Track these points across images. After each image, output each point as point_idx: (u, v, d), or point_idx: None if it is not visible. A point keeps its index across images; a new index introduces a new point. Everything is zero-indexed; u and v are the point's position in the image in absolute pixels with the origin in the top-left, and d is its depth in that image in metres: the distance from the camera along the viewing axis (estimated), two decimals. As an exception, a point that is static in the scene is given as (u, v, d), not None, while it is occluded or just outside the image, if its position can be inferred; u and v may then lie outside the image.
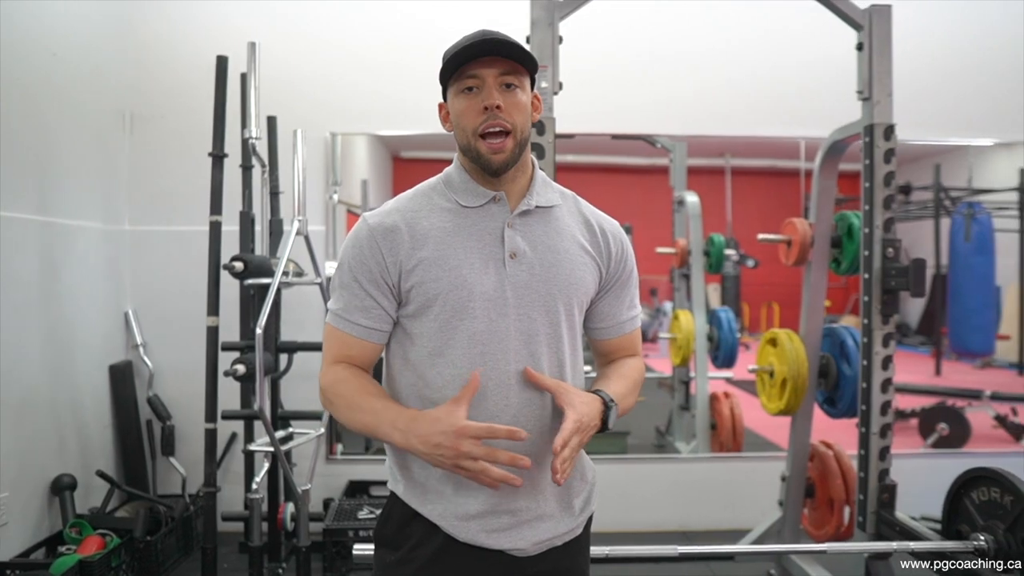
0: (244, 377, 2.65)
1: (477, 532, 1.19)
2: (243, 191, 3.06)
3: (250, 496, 2.78)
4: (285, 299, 3.28)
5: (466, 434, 1.08)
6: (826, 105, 3.26)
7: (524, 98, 1.20)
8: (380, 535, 1.28)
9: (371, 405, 1.18)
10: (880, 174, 2.35)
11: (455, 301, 1.17)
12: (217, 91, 2.81)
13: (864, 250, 2.40)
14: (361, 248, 1.20)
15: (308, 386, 3.42)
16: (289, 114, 3.31)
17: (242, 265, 2.66)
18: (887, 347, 2.35)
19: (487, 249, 1.20)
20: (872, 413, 2.36)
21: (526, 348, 1.20)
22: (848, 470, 2.80)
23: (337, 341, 1.23)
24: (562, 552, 1.26)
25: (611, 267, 1.31)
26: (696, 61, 3.72)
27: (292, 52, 3.53)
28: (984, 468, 2.09)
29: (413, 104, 3.59)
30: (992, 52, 3.81)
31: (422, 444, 1.10)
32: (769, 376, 2.90)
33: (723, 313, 4.18)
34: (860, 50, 2.42)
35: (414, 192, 1.28)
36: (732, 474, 3.72)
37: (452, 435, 1.08)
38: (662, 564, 3.07)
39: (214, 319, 2.78)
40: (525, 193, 1.25)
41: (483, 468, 1.08)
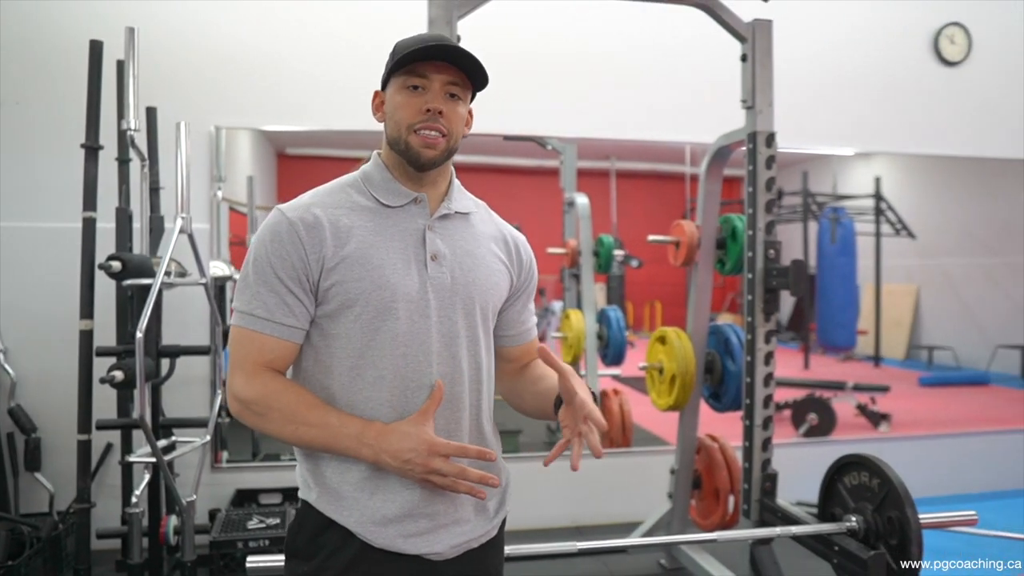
0: (122, 384, 2.50)
1: (394, 537, 1.17)
2: (120, 186, 2.87)
3: (129, 510, 2.61)
4: (166, 301, 3.10)
5: (437, 452, 1.10)
6: (711, 112, 3.41)
7: (463, 111, 1.21)
8: (292, 546, 1.23)
9: (321, 419, 1.14)
10: (762, 179, 2.48)
11: (378, 302, 1.15)
12: (91, 78, 2.63)
13: (748, 251, 2.53)
14: (282, 242, 1.14)
15: (191, 392, 3.33)
16: (170, 106, 3.14)
17: (120, 265, 2.49)
18: (769, 343, 2.49)
19: (409, 250, 1.19)
20: (756, 406, 2.50)
21: (447, 350, 1.20)
22: (732, 461, 2.94)
23: (254, 345, 1.15)
24: (478, 554, 1.26)
25: (521, 276, 1.35)
26: (588, 65, 3.81)
27: (173, 40, 3.35)
28: (855, 454, 2.25)
29: (301, 99, 3.51)
30: (852, 69, 4.10)
31: (392, 459, 1.11)
32: (659, 373, 3.01)
33: (612, 312, 4.30)
34: (744, 61, 2.55)
35: (331, 187, 1.24)
36: (622, 469, 3.82)
37: (423, 452, 1.10)
38: (558, 560, 3.14)
39: (88, 322, 2.60)
40: (444, 198, 1.25)
41: (452, 483, 1.11)
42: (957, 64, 4.17)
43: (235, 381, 1.16)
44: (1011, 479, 4.28)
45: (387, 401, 1.17)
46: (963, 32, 4.16)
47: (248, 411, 1.15)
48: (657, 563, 3.17)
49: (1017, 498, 4.14)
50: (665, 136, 3.98)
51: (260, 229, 1.18)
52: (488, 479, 1.13)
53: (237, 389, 1.15)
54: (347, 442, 1.13)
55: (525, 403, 1.38)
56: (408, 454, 1.10)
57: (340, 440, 1.13)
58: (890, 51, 4.13)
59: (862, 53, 4.11)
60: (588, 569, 3.12)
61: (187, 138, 2.60)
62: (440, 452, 1.11)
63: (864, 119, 4.12)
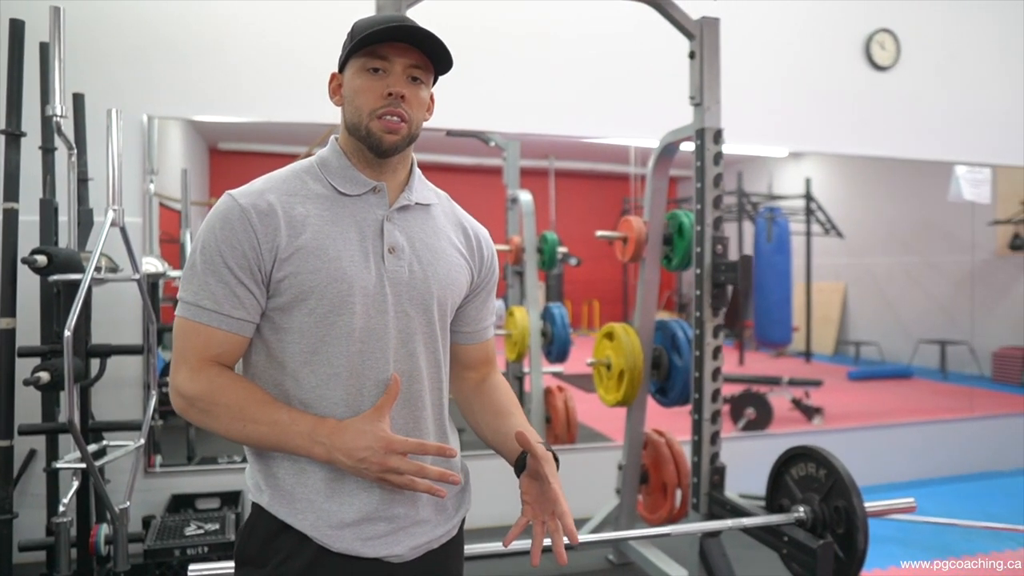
0: (48, 386, 2.36)
1: (352, 541, 1.11)
2: (44, 176, 2.71)
3: (56, 520, 2.47)
4: (96, 298, 2.95)
5: (394, 449, 1.04)
6: (656, 111, 3.44)
7: (425, 95, 1.16)
8: (243, 552, 1.16)
9: (271, 416, 1.07)
10: (710, 175, 2.51)
11: (334, 295, 1.09)
12: (11, 60, 2.47)
13: (696, 247, 2.56)
14: (233, 230, 1.07)
15: (121, 394, 3.17)
16: (98, 93, 2.99)
17: (46, 259, 2.35)
18: (717, 338, 2.52)
19: (367, 242, 1.13)
20: (704, 401, 2.52)
21: (404, 347, 1.16)
22: (679, 456, 2.97)
23: (200, 338, 1.08)
24: (439, 554, 1.22)
25: (482, 272, 1.31)
26: (533, 60, 3.79)
27: (101, 22, 3.18)
28: (802, 446, 2.29)
29: (240, 90, 3.38)
30: (787, 71, 4.20)
31: (346, 457, 1.05)
32: (607, 369, 3.02)
33: (556, 309, 4.30)
34: (692, 58, 2.58)
35: (285, 173, 1.17)
36: (567, 465, 3.75)
37: (379, 450, 1.04)
38: (506, 558, 3.11)
39: (9, 320, 2.44)
40: (404, 188, 1.20)
41: (410, 482, 1.05)
42: (887, 69, 4.32)
43: (179, 376, 1.09)
44: (938, 467, 4.47)
45: (342, 399, 1.11)
46: (892, 38, 4.31)
47: (193, 408, 1.08)
48: (605, 558, 3.18)
49: (944, 485, 4.33)
50: (609, 133, 4.00)
51: (209, 215, 1.11)
52: (448, 476, 1.08)
53: (181, 384, 1.08)
54: (298, 440, 1.07)
55: (482, 431, 1.32)
56: (363, 452, 1.05)
57: (291, 438, 1.07)
58: (823, 55, 4.25)
59: (796, 56, 4.21)
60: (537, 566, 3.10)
61: (118, 125, 2.47)
62: (397, 449, 1.05)
63: (798, 120, 4.23)
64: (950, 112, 4.45)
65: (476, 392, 1.34)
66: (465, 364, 1.34)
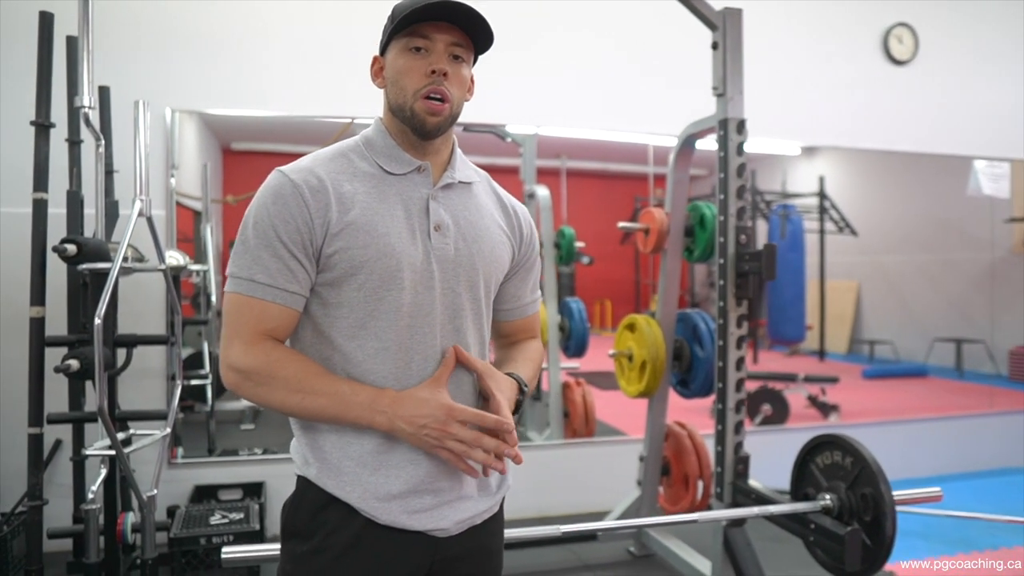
0: (78, 374, 2.37)
1: (399, 513, 1.12)
2: (71, 168, 2.73)
3: (85, 507, 2.49)
4: (120, 289, 2.97)
5: (455, 417, 1.07)
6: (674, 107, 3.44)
7: (466, 73, 1.18)
8: (290, 525, 1.17)
9: (331, 388, 1.08)
10: (733, 165, 2.51)
11: (383, 270, 1.10)
12: (41, 52, 2.49)
13: (719, 237, 2.56)
14: (286, 204, 1.09)
15: (144, 385, 3.19)
16: (122, 86, 3.01)
17: (75, 248, 2.37)
18: (741, 327, 2.52)
19: (413, 220, 1.15)
20: (728, 389, 2.52)
21: (451, 323, 1.17)
22: (700, 447, 2.97)
23: (253, 312, 1.09)
24: (481, 530, 1.23)
25: (522, 248, 1.32)
26: (552, 55, 3.80)
27: (123, 17, 3.20)
28: (828, 434, 2.28)
29: (258, 85, 3.41)
30: (805, 66, 4.19)
31: (408, 425, 1.07)
32: (628, 360, 3.02)
33: (574, 303, 4.30)
34: (715, 49, 2.58)
35: (331, 152, 1.18)
36: (586, 459, 3.83)
37: (441, 418, 1.07)
38: (528, 549, 3.13)
39: (39, 309, 2.47)
40: (447, 167, 1.22)
41: (466, 451, 1.07)
42: (905, 63, 4.31)
43: (232, 350, 1.09)
44: (957, 463, 4.45)
45: (391, 373, 1.12)
46: (910, 32, 4.30)
47: (248, 382, 1.09)
48: (626, 550, 3.18)
49: (962, 481, 4.30)
50: (626, 128, 4.00)
51: (260, 192, 1.12)
52: (503, 449, 1.10)
53: (235, 359, 1.09)
54: (359, 411, 1.08)
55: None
56: (425, 419, 1.07)
57: (351, 409, 1.08)
58: (841, 49, 4.24)
59: (814, 51, 4.21)
60: (558, 557, 3.11)
61: (146, 115, 2.49)
62: (458, 417, 1.07)
63: (816, 114, 4.23)
64: (968, 106, 4.43)
65: (501, 350, 1.37)
66: (504, 335, 1.37)
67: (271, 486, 3.29)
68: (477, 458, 1.09)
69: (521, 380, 1.23)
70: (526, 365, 1.30)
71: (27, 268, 2.49)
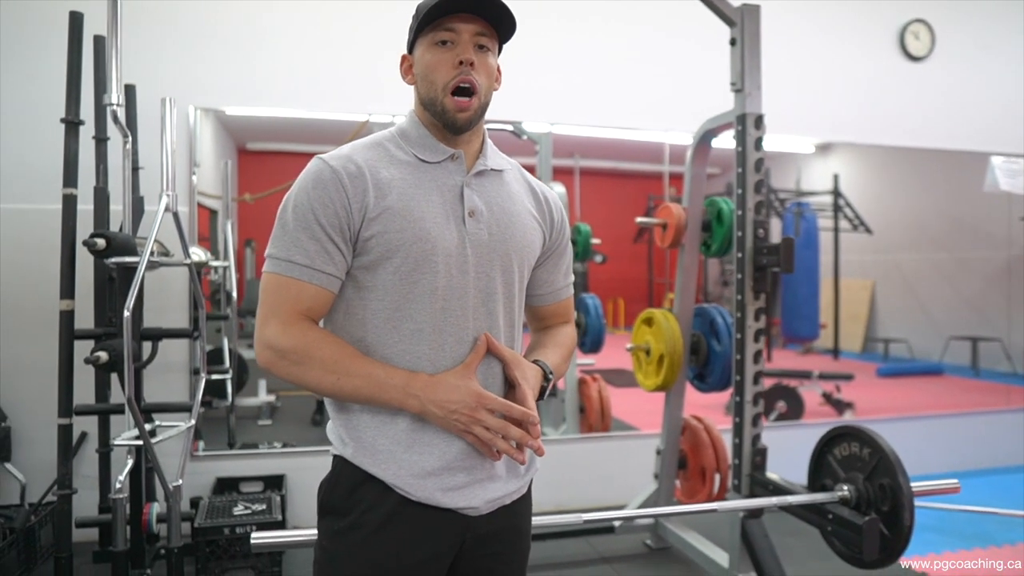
0: (106, 365, 2.42)
1: (433, 491, 1.16)
2: (97, 165, 2.79)
3: (112, 496, 2.53)
4: (145, 284, 3.02)
5: (484, 404, 1.12)
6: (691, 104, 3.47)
7: (493, 62, 1.21)
8: (327, 502, 1.21)
9: (366, 370, 1.12)
10: (751, 160, 2.53)
11: (418, 254, 1.14)
12: (71, 51, 2.55)
13: (737, 231, 2.58)
14: (326, 189, 1.12)
15: (167, 379, 3.24)
16: (147, 85, 3.06)
17: (104, 242, 2.42)
18: (758, 321, 2.54)
19: (448, 205, 1.18)
20: (746, 382, 2.54)
21: (484, 307, 1.20)
22: (717, 441, 2.99)
23: (291, 292, 1.13)
24: (510, 511, 1.26)
25: (553, 234, 1.35)
26: (568, 53, 3.83)
27: (148, 17, 3.25)
28: (845, 425, 2.30)
29: (277, 84, 3.45)
30: (822, 62, 4.20)
31: (439, 409, 1.12)
32: (646, 354, 3.04)
33: (590, 299, 4.33)
34: (733, 45, 2.60)
35: (368, 141, 1.22)
36: (602, 453, 3.85)
37: (471, 404, 1.11)
38: (548, 541, 3.16)
39: (69, 303, 2.52)
40: (479, 155, 1.25)
41: (492, 439, 1.12)
42: (921, 59, 4.31)
43: (269, 329, 1.13)
44: (972, 459, 4.44)
45: (425, 355, 1.16)
46: (927, 29, 4.30)
47: (284, 360, 1.12)
48: (643, 543, 3.21)
49: (979, 477, 4.30)
50: (641, 125, 4.02)
51: (300, 178, 1.16)
52: (527, 440, 1.14)
53: (272, 338, 1.12)
54: (393, 393, 1.12)
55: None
56: (455, 404, 1.11)
57: (385, 391, 1.12)
58: (858, 46, 4.25)
59: (831, 47, 4.22)
60: (576, 550, 3.14)
61: (173, 113, 2.54)
62: (487, 405, 1.12)
63: (832, 111, 4.23)
64: (985, 102, 4.43)
65: (534, 336, 1.39)
66: (539, 319, 1.40)
67: (291, 479, 3.34)
68: (501, 447, 1.13)
69: (546, 367, 1.26)
70: (555, 351, 1.33)
71: (51, 264, 2.55)
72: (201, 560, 2.73)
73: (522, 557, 1.33)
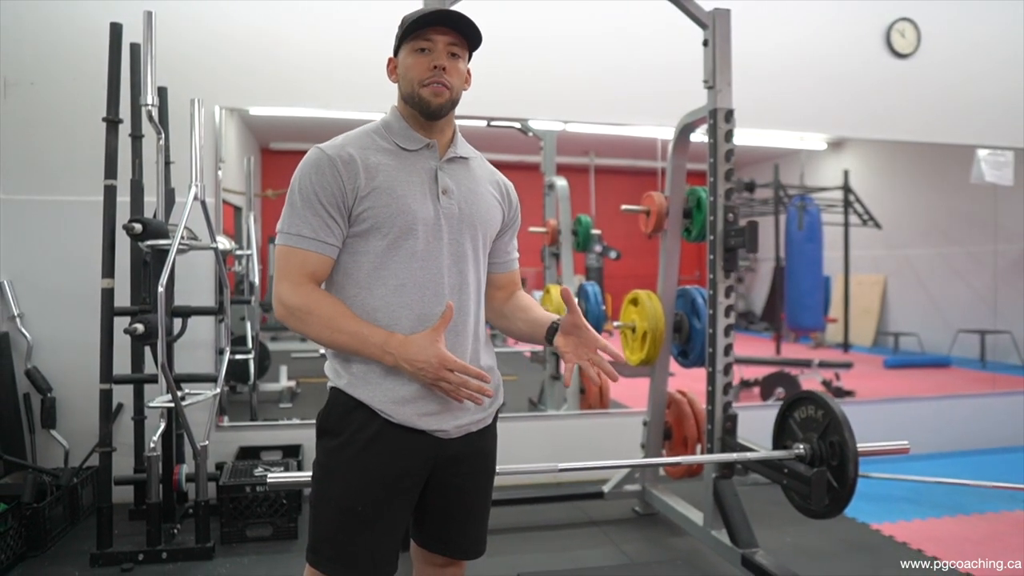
0: (143, 336, 2.73)
1: (411, 415, 1.42)
2: (133, 160, 3.10)
3: (148, 454, 2.85)
4: (176, 269, 3.33)
5: (446, 365, 1.36)
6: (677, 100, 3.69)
7: (463, 67, 1.48)
8: (323, 425, 1.48)
9: (354, 328, 1.38)
10: (722, 151, 2.76)
11: (401, 224, 1.41)
12: (111, 57, 2.87)
13: (710, 215, 2.81)
14: (323, 173, 1.39)
15: (195, 355, 3.54)
16: (177, 86, 3.37)
17: (141, 227, 2.73)
18: (728, 297, 2.77)
19: (425, 185, 1.45)
20: (717, 354, 2.77)
21: (456, 267, 1.47)
22: (699, 413, 3.22)
23: (298, 260, 1.40)
24: (477, 436, 1.54)
25: (510, 213, 1.64)
26: (568, 53, 4.06)
27: (179, 23, 3.53)
28: (803, 391, 2.53)
29: (299, 85, 3.73)
30: (812, 60, 4.40)
31: (409, 365, 1.37)
32: (631, 331, 3.29)
33: (590, 287, 4.55)
34: (706, 46, 2.84)
35: (359, 133, 1.49)
36: (601, 428, 4.09)
37: (435, 365, 1.36)
38: (539, 505, 3.41)
39: (109, 281, 2.83)
40: (450, 144, 1.52)
41: (453, 392, 1.38)
42: (907, 56, 4.50)
43: (282, 289, 1.40)
44: (962, 440, 4.60)
45: (408, 305, 1.42)
46: (913, 27, 4.49)
47: (292, 316, 1.40)
48: (632, 509, 3.44)
49: (967, 457, 4.46)
50: (635, 120, 4.25)
51: (302, 165, 1.43)
52: (484, 391, 1.40)
53: (284, 295, 1.40)
54: (373, 349, 1.38)
55: (513, 325, 1.64)
56: (422, 364, 1.36)
57: (367, 347, 1.38)
58: (846, 44, 4.45)
59: (820, 46, 4.42)
60: (567, 514, 3.39)
61: (201, 112, 2.85)
62: (448, 366, 1.36)
63: (823, 106, 4.43)
64: (970, 97, 4.60)
65: (505, 304, 1.66)
66: (496, 286, 1.66)
67: (307, 448, 3.62)
68: (461, 395, 1.39)
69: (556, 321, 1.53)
70: (544, 311, 1.62)
71: (88, 251, 2.86)
72: (225, 516, 3.01)
73: (487, 477, 1.61)
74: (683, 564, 2.82)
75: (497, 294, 1.67)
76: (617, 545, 3.04)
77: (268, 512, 3.06)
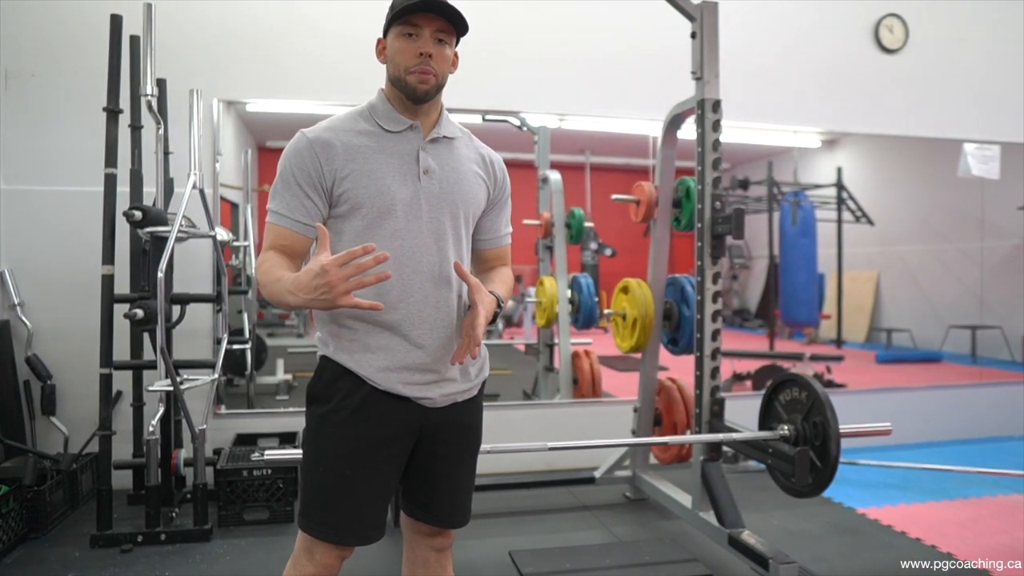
0: (142, 321, 2.78)
1: (396, 383, 1.48)
2: (133, 150, 3.15)
3: (147, 438, 2.91)
4: (174, 259, 3.38)
5: (331, 265, 1.25)
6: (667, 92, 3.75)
7: (449, 52, 1.53)
8: (312, 392, 1.54)
9: (278, 276, 1.38)
10: (709, 140, 2.83)
11: (380, 204, 1.46)
12: (112, 49, 2.92)
13: (698, 203, 2.88)
14: (302, 156, 1.46)
15: (193, 343, 3.60)
16: (175, 79, 3.42)
17: (140, 214, 2.79)
18: (716, 284, 2.83)
19: (405, 166, 1.50)
20: (705, 339, 2.83)
21: (436, 245, 1.51)
22: (689, 399, 3.28)
23: (275, 234, 1.47)
24: (462, 407, 1.59)
25: (496, 189, 1.67)
26: (562, 47, 4.13)
27: (176, 17, 3.58)
28: (788, 373, 2.60)
29: (296, 78, 3.79)
30: (802, 55, 4.47)
31: (307, 294, 1.28)
32: (622, 319, 3.35)
33: (583, 279, 4.62)
34: (694, 38, 2.90)
35: (343, 115, 1.55)
36: (591, 417, 4.14)
37: (321, 272, 1.25)
38: (532, 490, 3.47)
39: (109, 268, 2.89)
40: (435, 125, 1.56)
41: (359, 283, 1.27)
42: (895, 51, 4.57)
43: (260, 256, 1.48)
44: (950, 430, 4.67)
45: (389, 283, 1.45)
46: (900, 22, 4.56)
47: (258, 272, 1.46)
48: (623, 495, 3.50)
49: (954, 446, 4.53)
50: (626, 113, 4.30)
51: (286, 149, 1.49)
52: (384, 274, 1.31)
53: (257, 262, 1.47)
54: (284, 295, 1.34)
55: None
56: (314, 282, 1.26)
57: (283, 293, 1.34)
58: (834, 39, 4.52)
59: (809, 41, 4.49)
60: (559, 499, 3.45)
61: (199, 103, 2.90)
62: (331, 264, 1.25)
63: (811, 101, 4.50)
64: (957, 92, 4.67)
65: (480, 275, 1.68)
66: (482, 259, 1.71)
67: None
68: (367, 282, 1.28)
69: (500, 297, 1.57)
70: (503, 286, 1.65)
71: (87, 240, 2.91)
72: (223, 499, 3.07)
73: (473, 446, 1.67)
74: (671, 543, 2.88)
75: (481, 267, 1.72)
76: (608, 528, 3.10)
77: (265, 496, 3.12)
